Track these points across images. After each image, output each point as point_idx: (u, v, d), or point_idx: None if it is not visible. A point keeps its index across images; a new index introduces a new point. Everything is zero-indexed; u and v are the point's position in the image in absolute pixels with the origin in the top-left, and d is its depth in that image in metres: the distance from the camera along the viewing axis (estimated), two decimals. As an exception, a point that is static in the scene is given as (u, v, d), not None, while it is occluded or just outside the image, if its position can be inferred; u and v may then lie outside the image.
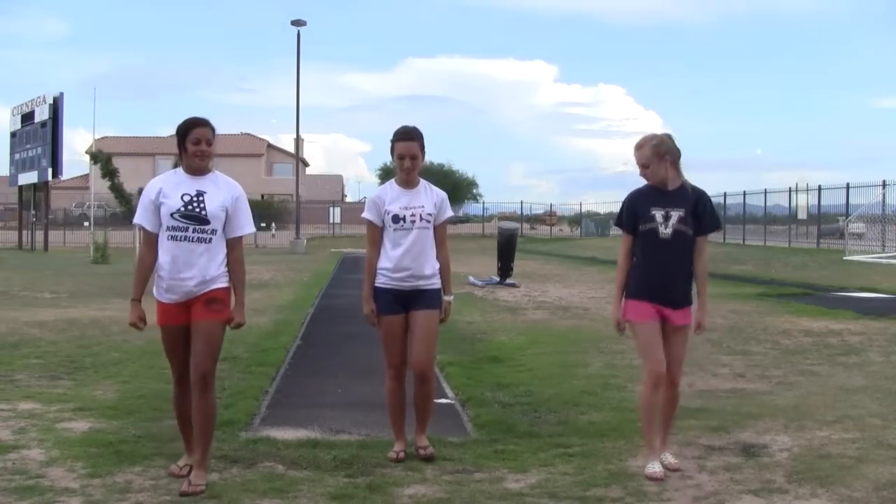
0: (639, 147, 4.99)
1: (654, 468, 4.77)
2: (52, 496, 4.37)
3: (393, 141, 5.12)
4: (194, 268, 4.58)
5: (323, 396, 6.99)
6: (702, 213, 4.97)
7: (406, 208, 5.07)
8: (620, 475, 4.78)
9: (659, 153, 4.91)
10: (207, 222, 4.59)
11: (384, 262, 5.13)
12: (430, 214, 5.10)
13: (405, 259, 5.06)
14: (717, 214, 5.15)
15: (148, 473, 4.74)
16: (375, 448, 5.29)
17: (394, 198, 5.12)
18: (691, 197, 4.96)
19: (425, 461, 5.00)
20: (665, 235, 4.88)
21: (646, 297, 4.93)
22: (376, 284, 5.17)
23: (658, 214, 4.90)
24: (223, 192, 4.68)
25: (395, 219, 5.06)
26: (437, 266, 5.17)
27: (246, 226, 4.75)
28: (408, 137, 5.09)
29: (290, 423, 5.98)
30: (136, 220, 4.74)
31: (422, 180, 5.20)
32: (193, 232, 4.58)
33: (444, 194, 5.27)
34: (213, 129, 4.70)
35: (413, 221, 5.06)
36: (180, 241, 4.58)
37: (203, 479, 4.53)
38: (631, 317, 4.98)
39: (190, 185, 4.64)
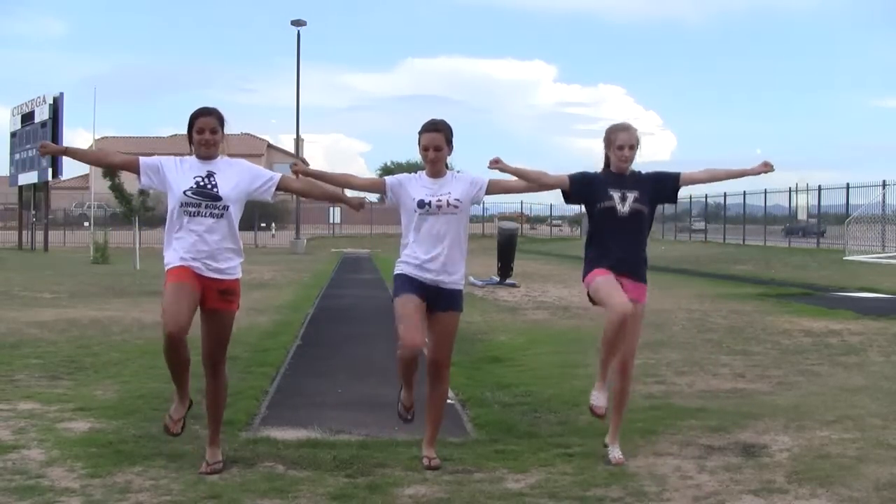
0: (625, 129, 5.12)
1: (598, 401, 5.00)
2: (52, 496, 4.37)
3: (420, 132, 5.10)
4: (206, 244, 4.81)
5: (323, 396, 6.99)
6: (662, 178, 5.19)
7: (433, 195, 5.01)
8: (620, 475, 4.78)
9: (638, 140, 5.13)
10: (219, 199, 4.84)
11: (409, 251, 5.03)
12: (457, 200, 5.01)
13: (431, 248, 4.97)
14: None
15: (148, 473, 4.74)
16: (375, 448, 5.29)
17: (420, 185, 5.06)
18: (643, 179, 5.15)
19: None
20: (623, 213, 5.04)
21: (605, 268, 5.06)
22: (398, 271, 5.07)
23: (616, 195, 5.05)
24: (235, 174, 4.95)
25: (421, 203, 4.98)
26: (463, 265, 5.11)
27: (269, 173, 5.07)
28: (433, 129, 5.06)
29: (290, 423, 5.98)
30: (141, 158, 5.01)
31: (450, 171, 5.17)
32: (206, 208, 4.83)
33: (469, 175, 5.20)
34: (219, 118, 4.95)
35: (439, 207, 4.98)
36: (193, 216, 4.83)
37: (219, 455, 4.88)
38: (589, 278, 5.11)
39: (201, 168, 4.92)
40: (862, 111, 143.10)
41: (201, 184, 4.84)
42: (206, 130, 4.87)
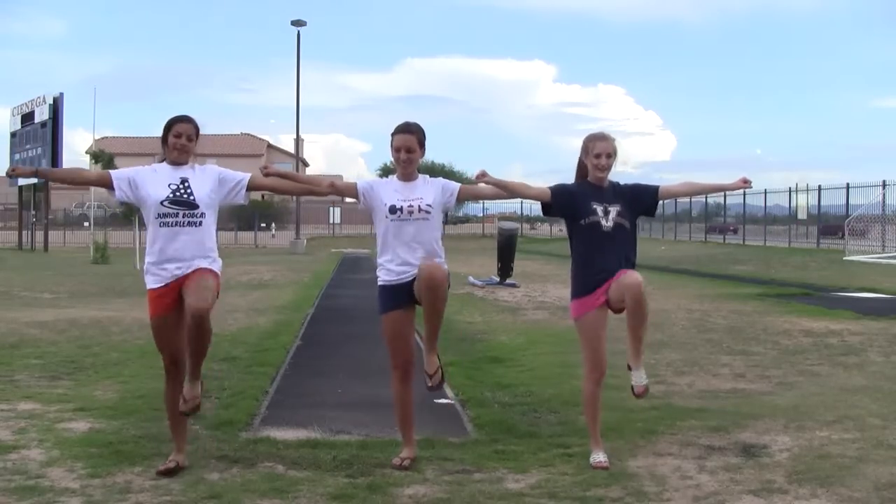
0: (603, 138, 5.14)
1: (599, 458, 4.98)
2: (52, 496, 4.37)
3: (392, 134, 5.11)
4: (184, 252, 4.76)
5: (323, 396, 6.99)
6: (641, 190, 5.22)
7: (404, 200, 5.01)
8: (620, 475, 4.79)
9: (615, 149, 5.15)
10: (196, 206, 4.84)
11: (386, 258, 5.03)
12: (429, 206, 5.01)
13: (406, 254, 4.97)
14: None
15: (148, 473, 4.75)
16: (375, 448, 5.29)
17: (392, 189, 5.08)
18: (622, 192, 5.17)
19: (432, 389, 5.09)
20: (607, 228, 5.03)
21: (592, 289, 5.04)
22: (380, 282, 5.08)
23: (598, 209, 5.05)
24: (207, 178, 4.95)
25: (392, 209, 4.99)
26: (443, 257, 5.07)
27: (239, 175, 5.04)
28: (406, 130, 5.06)
29: (290, 423, 5.98)
30: (112, 172, 5.03)
31: (421, 174, 5.16)
32: (183, 217, 4.82)
33: (441, 180, 5.20)
34: (196, 127, 4.98)
35: (410, 212, 4.98)
36: (172, 226, 4.80)
37: (197, 389, 4.74)
38: (575, 314, 5.13)
39: (173, 174, 4.91)
40: (862, 111, 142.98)
41: (177, 192, 4.83)
42: (182, 136, 4.91)
